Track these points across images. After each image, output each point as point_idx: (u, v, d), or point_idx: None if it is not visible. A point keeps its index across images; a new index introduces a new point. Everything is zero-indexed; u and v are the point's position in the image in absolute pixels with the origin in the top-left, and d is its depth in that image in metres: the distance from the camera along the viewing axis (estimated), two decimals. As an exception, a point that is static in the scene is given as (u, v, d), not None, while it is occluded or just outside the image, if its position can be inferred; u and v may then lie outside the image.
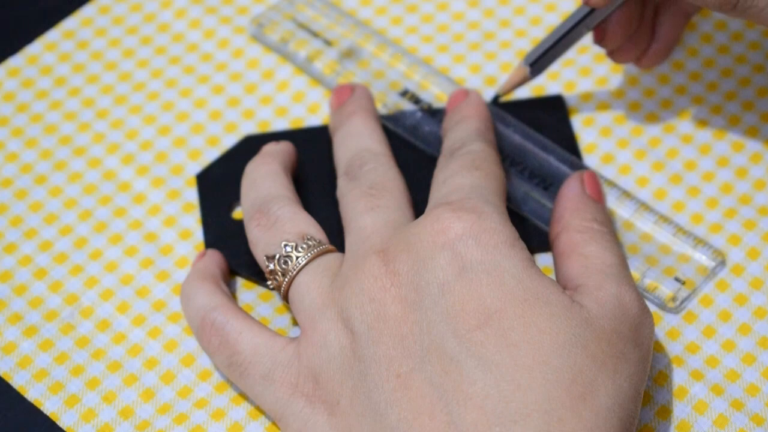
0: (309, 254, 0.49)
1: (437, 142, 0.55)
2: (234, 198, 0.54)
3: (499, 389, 0.43)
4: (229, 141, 0.57)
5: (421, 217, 0.48)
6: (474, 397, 0.43)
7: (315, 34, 0.59)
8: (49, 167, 0.56)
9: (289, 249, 0.49)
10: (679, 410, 0.49)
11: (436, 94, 0.57)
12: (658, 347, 0.50)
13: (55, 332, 0.51)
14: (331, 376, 0.46)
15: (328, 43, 0.58)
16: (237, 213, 0.54)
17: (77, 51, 0.60)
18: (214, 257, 0.52)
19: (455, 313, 0.45)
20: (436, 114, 0.56)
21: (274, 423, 0.49)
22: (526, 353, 0.43)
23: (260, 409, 0.49)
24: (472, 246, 0.46)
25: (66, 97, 0.58)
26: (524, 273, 0.45)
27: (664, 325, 0.51)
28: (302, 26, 0.59)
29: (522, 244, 0.47)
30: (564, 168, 0.54)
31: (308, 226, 0.50)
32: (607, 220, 0.50)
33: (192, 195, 0.55)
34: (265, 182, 0.52)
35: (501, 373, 0.43)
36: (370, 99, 0.55)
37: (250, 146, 0.55)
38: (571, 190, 0.51)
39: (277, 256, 0.49)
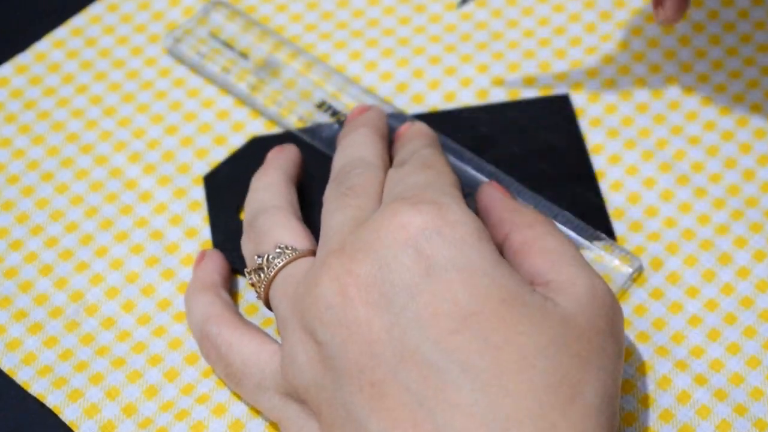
0: (280, 262, 0.48)
1: None
2: (241, 199, 0.54)
3: (487, 395, 0.41)
4: (235, 140, 0.57)
5: (377, 213, 0.45)
6: (461, 404, 0.41)
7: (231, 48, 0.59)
8: (56, 164, 0.56)
9: (260, 261, 0.48)
10: (682, 414, 0.49)
11: (347, 104, 0.56)
12: (662, 351, 0.50)
13: (60, 329, 0.51)
14: (306, 389, 0.45)
15: (243, 54, 0.58)
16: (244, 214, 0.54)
17: (85, 48, 0.60)
18: (214, 261, 0.52)
19: (428, 316, 0.43)
20: None
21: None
22: (509, 356, 0.42)
23: (262, 409, 0.49)
24: (437, 241, 0.44)
25: (73, 95, 0.58)
26: (497, 270, 0.44)
27: (667, 330, 0.51)
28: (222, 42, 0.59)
29: (488, 236, 0.45)
30: (480, 177, 0.54)
31: (284, 235, 0.49)
32: (548, 218, 0.49)
33: (198, 193, 0.55)
34: (258, 195, 0.51)
35: (487, 378, 0.42)
36: (382, 118, 0.54)
37: (257, 147, 0.56)
38: (494, 196, 0.50)
39: (254, 269, 0.48)
